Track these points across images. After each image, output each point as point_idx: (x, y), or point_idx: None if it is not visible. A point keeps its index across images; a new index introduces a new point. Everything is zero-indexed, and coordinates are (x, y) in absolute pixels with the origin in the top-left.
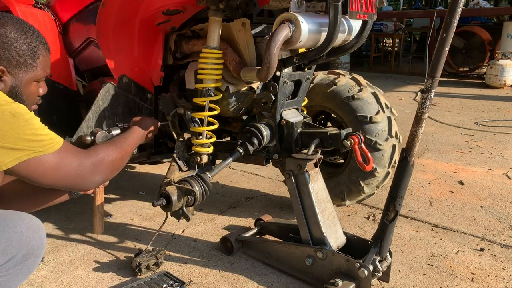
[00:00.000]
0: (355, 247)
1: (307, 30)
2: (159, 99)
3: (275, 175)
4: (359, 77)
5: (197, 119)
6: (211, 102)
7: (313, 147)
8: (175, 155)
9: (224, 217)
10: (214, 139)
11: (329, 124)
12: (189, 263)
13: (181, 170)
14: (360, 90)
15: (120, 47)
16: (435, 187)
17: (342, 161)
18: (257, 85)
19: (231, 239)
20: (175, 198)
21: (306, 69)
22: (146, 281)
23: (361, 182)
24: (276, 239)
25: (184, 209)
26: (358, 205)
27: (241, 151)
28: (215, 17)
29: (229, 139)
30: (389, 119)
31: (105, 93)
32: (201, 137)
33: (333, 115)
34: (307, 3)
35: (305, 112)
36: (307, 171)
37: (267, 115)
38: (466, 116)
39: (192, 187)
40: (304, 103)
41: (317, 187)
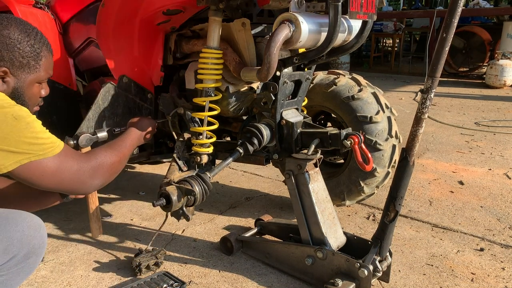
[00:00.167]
0: (355, 247)
1: (307, 30)
2: (159, 99)
3: (275, 175)
4: (359, 77)
5: (197, 119)
6: (211, 102)
7: (313, 147)
8: (175, 155)
9: (224, 217)
10: (214, 139)
11: (329, 124)
12: (189, 263)
13: (181, 170)
14: (360, 90)
15: (120, 47)
16: (435, 187)
17: (342, 161)
18: (257, 85)
19: (231, 239)
20: (175, 198)
21: (306, 69)
22: (146, 281)
23: (361, 182)
24: (276, 239)
25: (184, 209)
26: (358, 205)
27: (241, 151)
28: (215, 17)
29: (229, 139)
30: (389, 119)
31: (105, 93)
32: (201, 137)
33: (333, 115)
34: (307, 3)
35: (305, 112)
36: (307, 171)
37: (267, 115)
38: (466, 116)
39: (192, 187)
40: (304, 103)
41: (317, 187)
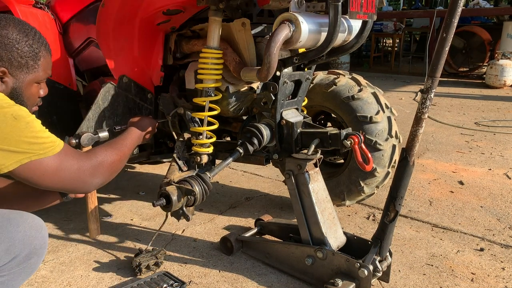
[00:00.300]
0: (355, 247)
1: (307, 30)
2: (159, 99)
3: (275, 175)
4: (359, 77)
5: (197, 119)
6: (211, 102)
7: (313, 147)
8: (175, 155)
9: (224, 217)
10: (214, 139)
11: (329, 124)
12: (189, 263)
13: (181, 170)
14: (360, 90)
15: (120, 47)
16: (435, 187)
17: (342, 161)
18: (257, 85)
19: (231, 239)
20: (175, 198)
21: (306, 69)
22: (146, 281)
23: (361, 182)
24: (276, 239)
25: (184, 209)
26: (358, 205)
27: (241, 151)
28: (215, 17)
29: (229, 139)
30: (389, 119)
31: (105, 93)
32: (201, 137)
33: (333, 115)
34: (307, 3)
35: (305, 112)
36: (307, 171)
37: (267, 115)
38: (466, 116)
39: (192, 187)
40: (304, 103)
41: (317, 187)
